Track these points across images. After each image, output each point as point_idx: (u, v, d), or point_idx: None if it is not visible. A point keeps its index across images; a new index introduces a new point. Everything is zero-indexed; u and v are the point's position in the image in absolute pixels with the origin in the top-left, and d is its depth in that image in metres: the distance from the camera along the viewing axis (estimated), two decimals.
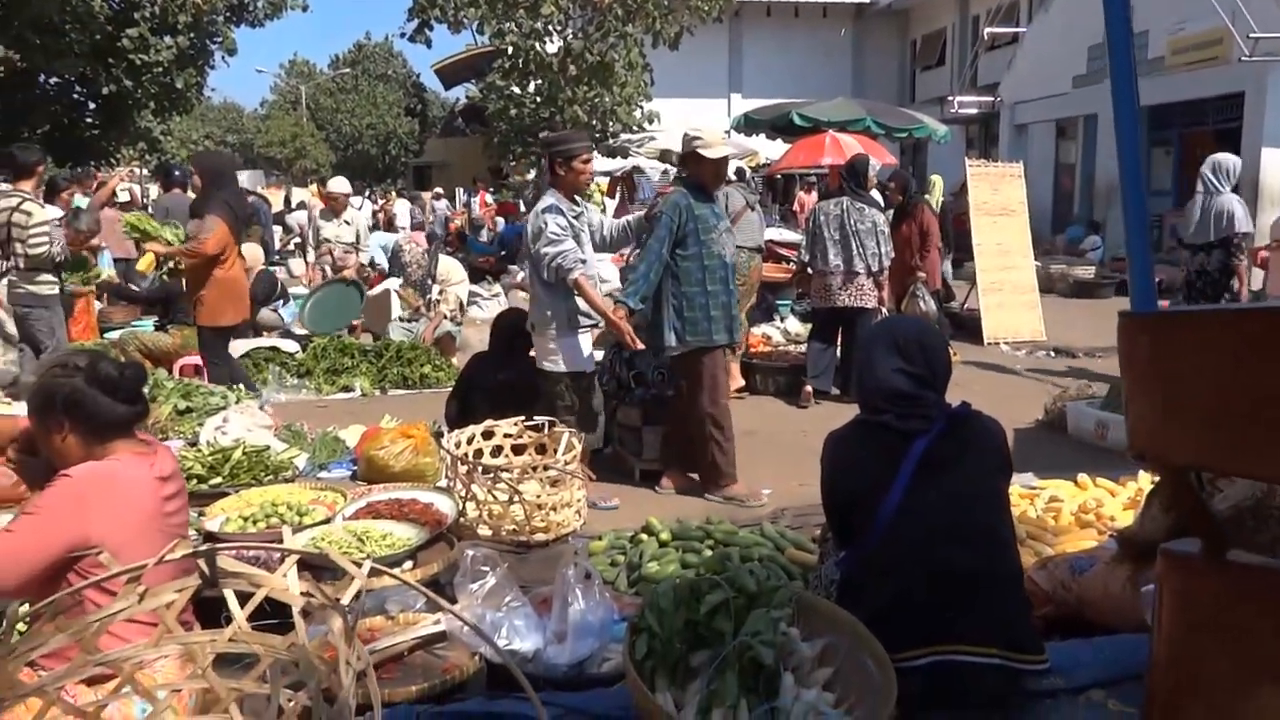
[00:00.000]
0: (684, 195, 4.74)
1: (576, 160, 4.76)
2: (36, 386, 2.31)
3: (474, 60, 23.63)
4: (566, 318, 4.73)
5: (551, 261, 4.59)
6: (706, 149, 4.75)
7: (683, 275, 4.72)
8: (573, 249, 4.62)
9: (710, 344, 4.79)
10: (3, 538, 2.15)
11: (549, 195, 4.77)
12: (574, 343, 4.79)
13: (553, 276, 4.63)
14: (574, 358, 4.80)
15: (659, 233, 4.67)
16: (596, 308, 4.68)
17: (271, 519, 3.62)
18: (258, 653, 1.78)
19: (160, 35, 13.70)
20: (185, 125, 33.26)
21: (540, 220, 4.66)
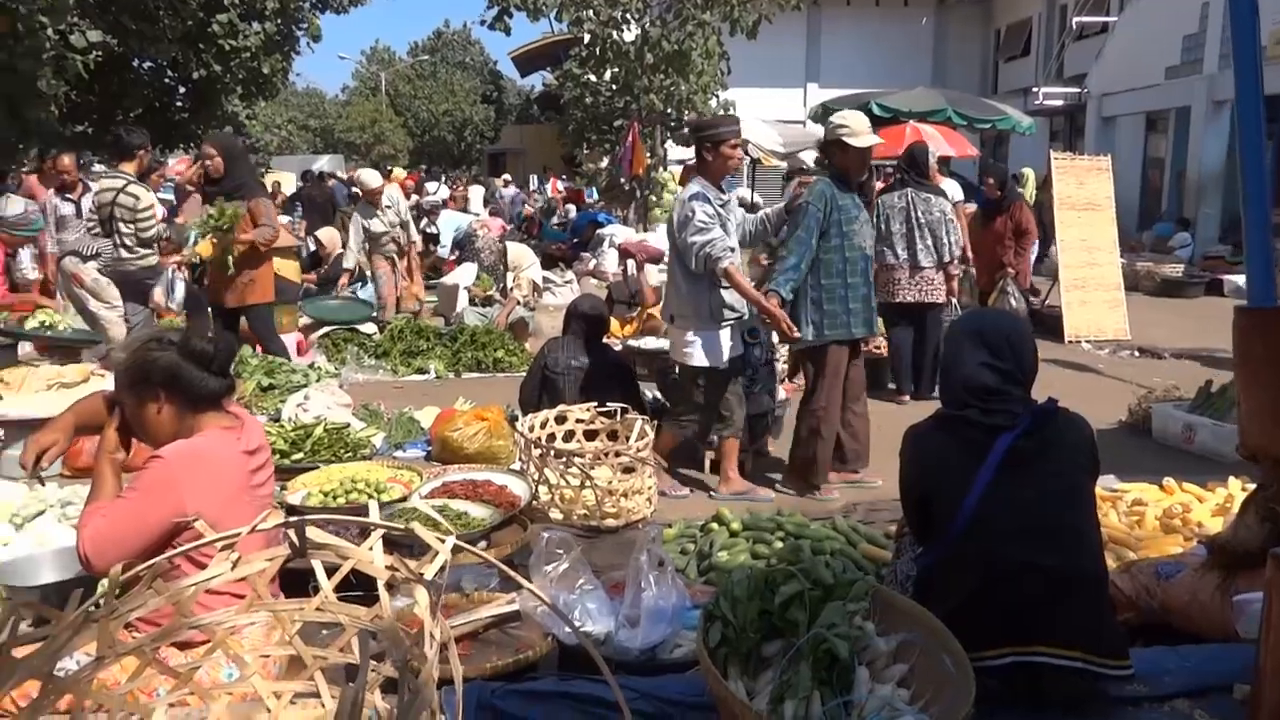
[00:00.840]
0: (828, 185, 4.61)
1: (725, 145, 4.57)
2: (130, 360, 2.39)
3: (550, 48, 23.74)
4: (710, 310, 4.55)
5: (699, 250, 4.40)
6: (853, 137, 4.61)
7: (823, 267, 4.60)
8: (721, 237, 4.43)
9: (848, 337, 4.69)
10: (102, 520, 2.24)
11: (695, 182, 4.60)
12: (715, 337, 4.59)
13: (700, 266, 4.44)
14: (714, 353, 4.61)
15: (807, 223, 4.54)
16: (750, 297, 4.48)
17: (351, 495, 3.71)
18: (343, 622, 1.83)
19: (248, 21, 14.04)
20: (269, 110, 34.04)
21: (687, 208, 4.49)
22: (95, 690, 1.73)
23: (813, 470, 4.77)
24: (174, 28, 12.89)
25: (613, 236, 13.00)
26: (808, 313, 4.62)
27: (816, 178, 4.74)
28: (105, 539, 2.21)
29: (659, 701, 2.27)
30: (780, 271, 4.57)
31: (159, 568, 1.72)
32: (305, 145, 42.37)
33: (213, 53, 13.98)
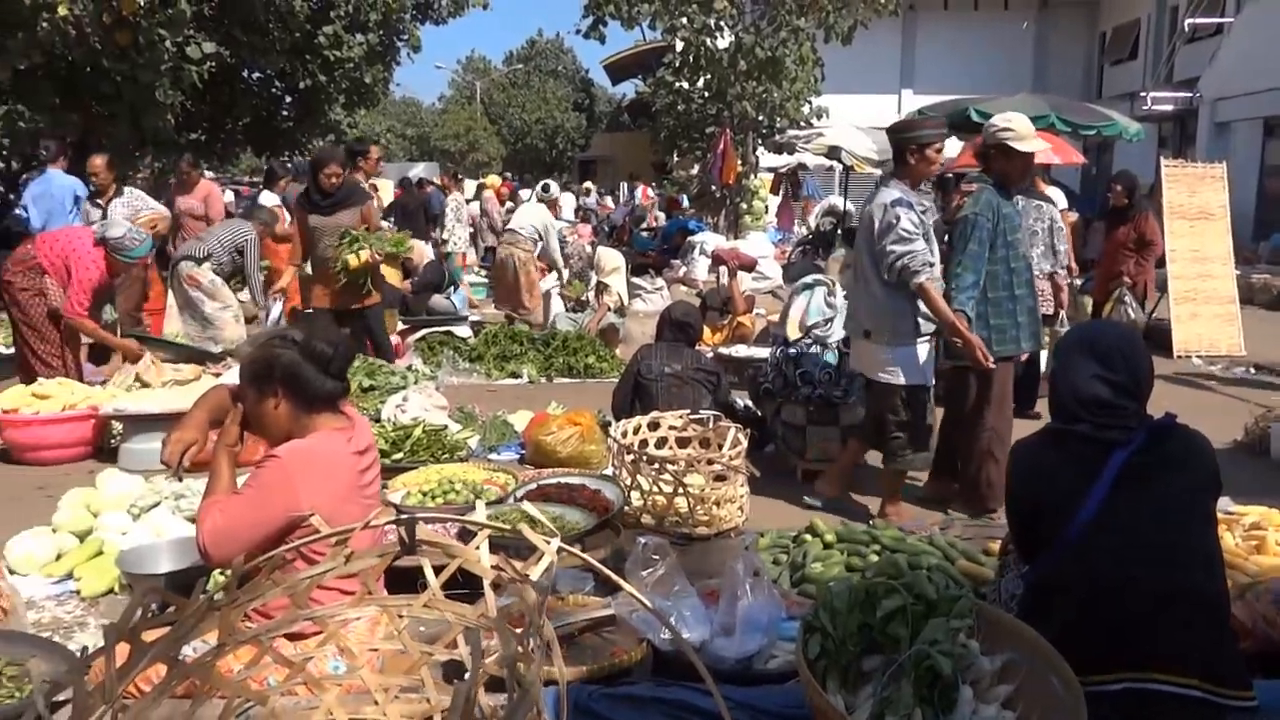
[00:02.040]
0: (994, 194, 4.37)
1: (930, 149, 4.32)
2: (255, 355, 2.49)
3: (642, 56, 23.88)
4: (912, 326, 4.27)
5: (897, 261, 4.14)
6: (1018, 141, 4.38)
7: (989, 280, 4.34)
8: (923, 250, 4.17)
9: (1017, 352, 4.48)
10: (221, 515, 2.34)
11: (893, 187, 4.30)
12: (913, 353, 4.30)
13: (894, 277, 4.18)
14: (913, 370, 4.32)
15: (979, 236, 4.27)
16: (944, 318, 4.16)
17: (449, 495, 3.80)
18: (450, 620, 1.87)
19: (352, 33, 14.44)
20: (369, 118, 35.01)
21: (891, 214, 4.18)
22: (215, 676, 1.80)
23: (988, 494, 4.52)
24: (282, 39, 13.34)
25: (703, 244, 13.00)
26: (974, 329, 4.32)
27: (979, 186, 4.44)
28: (223, 533, 2.30)
29: (755, 712, 2.26)
30: (960, 290, 4.26)
31: (277, 560, 1.78)
32: (402, 153, 43.47)
33: (318, 63, 14.42)
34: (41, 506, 4.42)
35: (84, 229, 6.11)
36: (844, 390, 5.01)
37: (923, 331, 4.28)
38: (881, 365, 4.35)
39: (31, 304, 5.75)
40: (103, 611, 3.43)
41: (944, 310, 4.15)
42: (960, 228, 4.33)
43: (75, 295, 5.64)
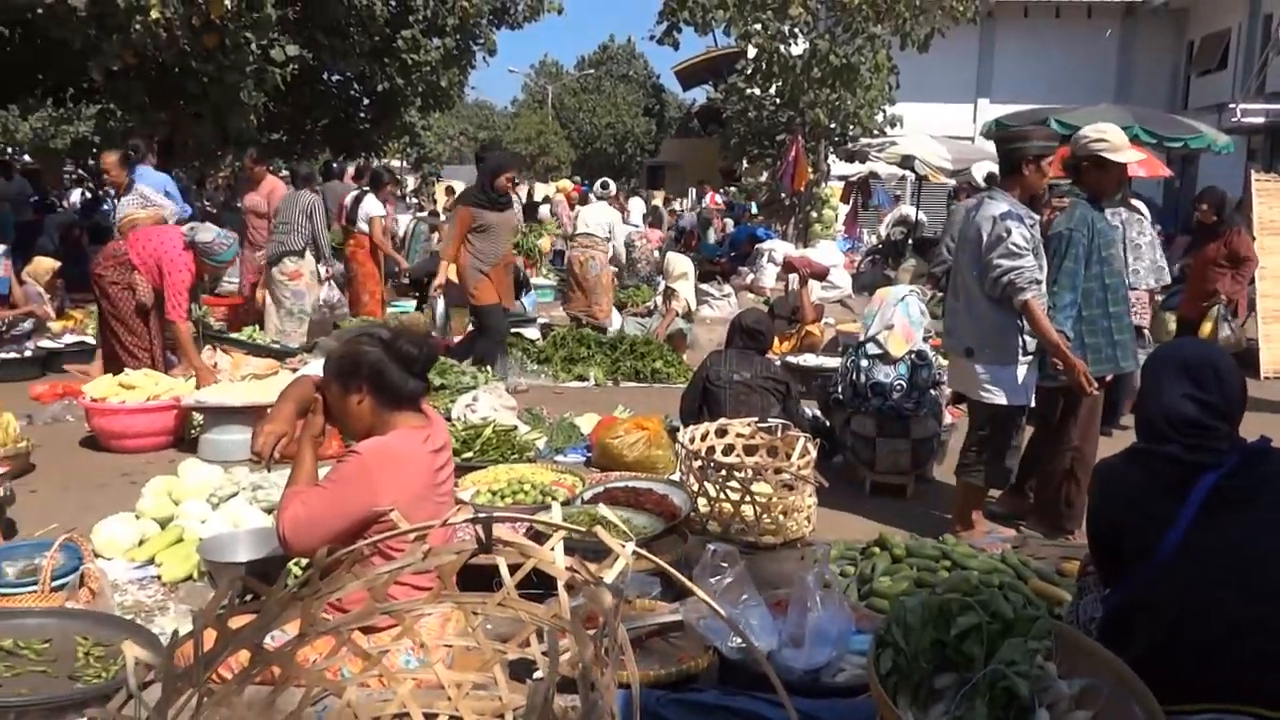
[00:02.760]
0: (1087, 208, 4.21)
1: (1044, 161, 4.16)
2: (343, 351, 2.55)
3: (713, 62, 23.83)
4: (1017, 344, 4.09)
5: (1003, 276, 3.96)
6: (1113, 153, 4.24)
7: (1083, 297, 4.18)
8: (1031, 265, 3.98)
9: (1116, 372, 4.32)
10: (302, 507, 2.39)
11: (1001, 199, 4.12)
12: (1014, 373, 4.12)
13: (998, 292, 4.01)
14: (1015, 390, 4.15)
15: (1075, 253, 4.13)
16: (1048, 338, 3.99)
17: (518, 495, 3.83)
18: (523, 619, 1.88)
19: (430, 36, 14.70)
20: (442, 121, 35.52)
21: (1001, 227, 4.01)
22: (295, 665, 1.84)
23: (1067, 514, 4.39)
24: (362, 43, 13.64)
25: (772, 251, 12.95)
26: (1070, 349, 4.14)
27: (1072, 200, 4.28)
28: (303, 524, 2.35)
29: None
30: (1057, 309, 4.11)
31: (357, 554, 1.82)
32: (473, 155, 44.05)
33: (396, 66, 14.70)
34: (125, 493, 4.57)
35: (174, 229, 6.30)
36: (915, 402, 4.94)
37: (1028, 350, 4.11)
38: (983, 384, 4.18)
39: (121, 298, 5.95)
40: (182, 597, 3.53)
41: (1049, 330, 3.98)
42: (1055, 243, 4.18)
43: (173, 299, 5.82)
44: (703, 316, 9.83)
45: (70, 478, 4.96)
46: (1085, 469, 4.26)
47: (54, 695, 2.24)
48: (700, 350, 8.73)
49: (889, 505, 4.87)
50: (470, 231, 6.69)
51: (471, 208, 6.76)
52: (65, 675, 2.35)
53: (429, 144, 32.17)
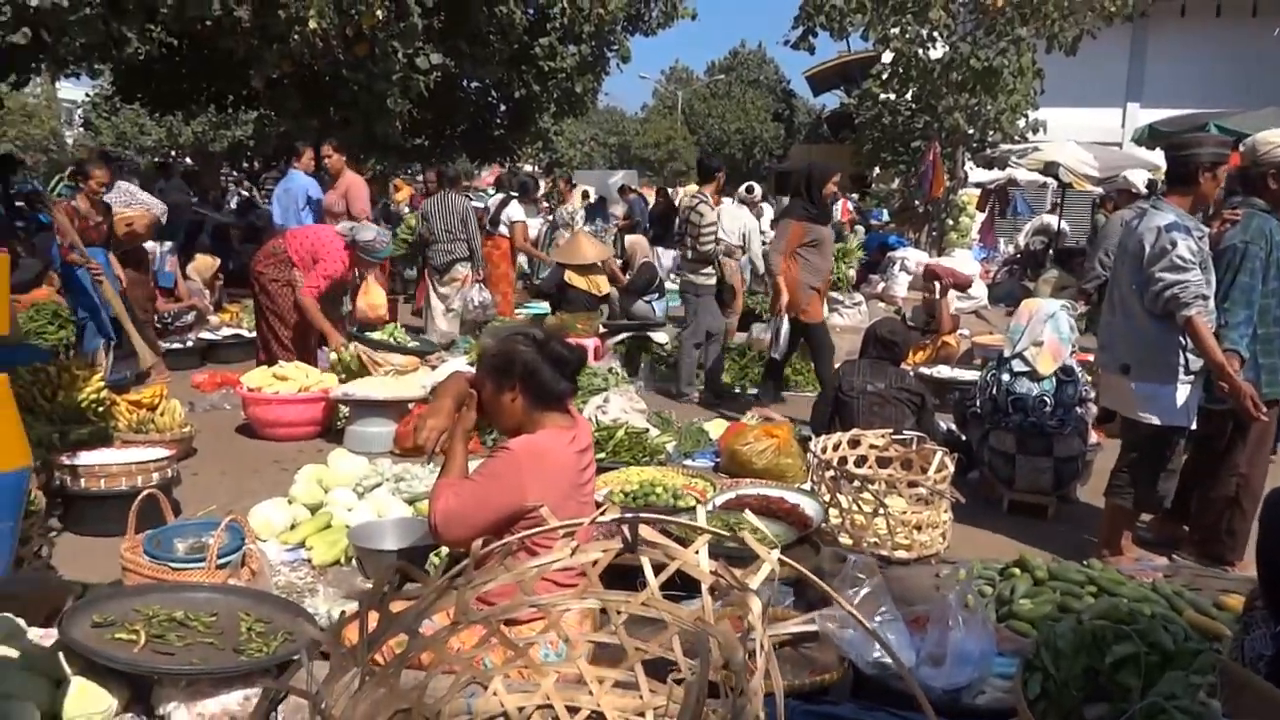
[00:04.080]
0: (1265, 219, 3.98)
1: (1219, 169, 3.98)
2: (499, 348, 2.63)
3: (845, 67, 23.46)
4: (1179, 362, 3.89)
5: (1166, 290, 3.77)
6: None
7: (1259, 315, 3.97)
8: (1197, 280, 3.77)
9: None
10: (453, 499, 2.48)
11: (1168, 210, 3.91)
12: (1173, 393, 3.92)
13: (1160, 308, 3.83)
14: (1174, 411, 3.95)
15: (1251, 267, 3.91)
16: (1212, 358, 3.77)
17: (649, 497, 3.87)
18: (666, 620, 1.90)
19: (566, 44, 14.97)
20: (574, 127, 36.15)
21: (1166, 239, 3.81)
22: (447, 652, 1.91)
23: (1228, 543, 4.17)
24: (501, 50, 14.00)
25: (904, 260, 12.67)
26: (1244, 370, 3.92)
27: (1246, 211, 4.03)
28: (454, 515, 2.44)
29: None
30: (1231, 327, 3.88)
31: (510, 548, 1.88)
32: (603, 161, 44.63)
33: (533, 73, 15.03)
34: (277, 479, 4.83)
35: (329, 228, 6.65)
36: (1060, 420, 4.75)
37: (1191, 369, 3.90)
38: (1140, 404, 3.98)
39: (280, 294, 6.29)
40: (330, 580, 3.70)
41: (1214, 349, 3.76)
42: (1228, 257, 3.95)
43: (312, 279, 6.13)
44: (832, 324, 9.67)
45: (227, 462, 5.26)
46: (1251, 497, 4.03)
47: (223, 666, 2.39)
48: None
49: (1028, 525, 4.70)
50: (800, 246, 6.26)
51: (803, 221, 6.28)
52: (230, 648, 2.49)
53: (560, 149, 32.78)
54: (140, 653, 2.40)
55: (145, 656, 2.39)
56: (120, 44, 9.26)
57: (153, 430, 4.96)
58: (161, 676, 2.37)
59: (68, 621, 2.47)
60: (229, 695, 2.35)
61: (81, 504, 4.14)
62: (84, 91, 33.27)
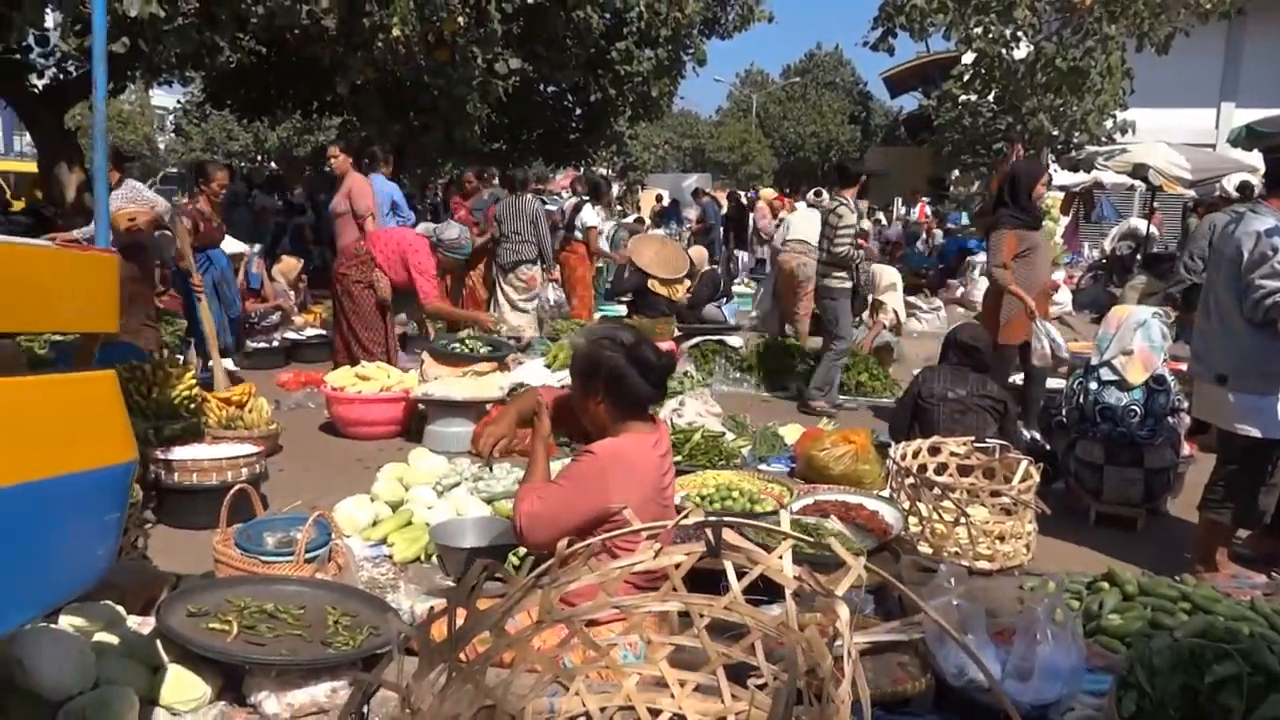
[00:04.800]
0: None
1: None
2: (586, 352, 2.65)
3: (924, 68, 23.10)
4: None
5: (1266, 298, 3.65)
6: None
7: None
8: None
9: None
10: (538, 501, 2.51)
11: (1267, 214, 3.78)
12: (1274, 404, 3.78)
13: (1260, 315, 3.69)
14: (1273, 423, 3.80)
15: None
16: None
17: (726, 501, 3.85)
18: (749, 625, 1.89)
19: (642, 48, 15.03)
20: (648, 130, 36.25)
21: (1266, 244, 3.68)
22: (531, 651, 1.93)
23: None
24: (578, 55, 14.12)
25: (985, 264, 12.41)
26: None
27: None
28: (539, 518, 2.47)
29: None
30: None
31: (593, 549, 1.89)
32: (676, 164, 44.67)
33: (609, 78, 15.13)
34: (359, 476, 4.93)
35: (410, 229, 6.80)
36: (1151, 430, 4.60)
37: None
38: (1238, 415, 3.83)
39: (363, 295, 6.43)
40: (411, 577, 3.76)
41: None
42: None
43: (425, 286, 6.36)
44: (910, 330, 9.56)
45: (311, 459, 5.39)
46: None
47: (312, 658, 2.45)
48: (907, 364, 8.50)
49: (1116, 538, 4.56)
50: (1015, 257, 5.78)
51: (1017, 230, 5.80)
52: (318, 641, 2.56)
53: (635, 152, 32.89)
54: (233, 643, 2.48)
55: (238, 646, 2.46)
56: (213, 52, 9.56)
57: (241, 427, 5.11)
58: (253, 666, 2.44)
59: (165, 610, 2.56)
60: (317, 687, 2.41)
61: (174, 497, 4.28)
62: (175, 98, 34.49)
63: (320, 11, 8.88)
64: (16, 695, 2.26)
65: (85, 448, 1.66)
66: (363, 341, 6.52)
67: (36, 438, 1.57)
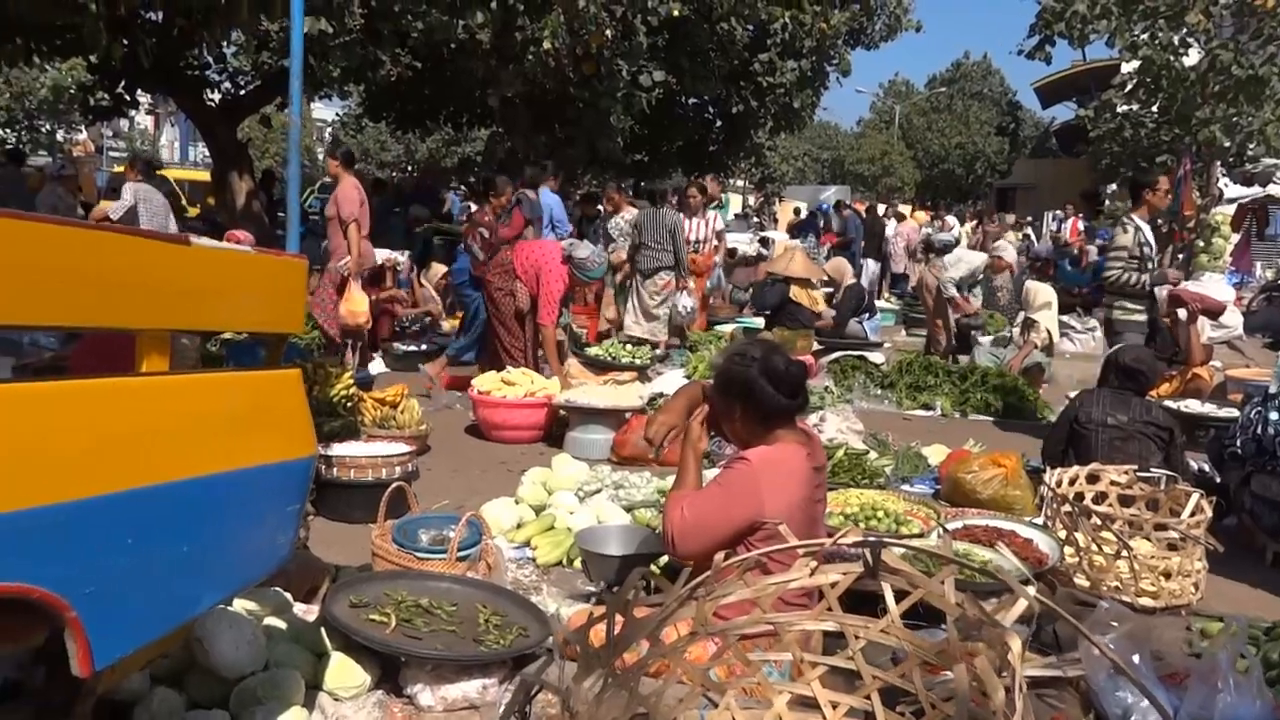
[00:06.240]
0: None
1: None
2: (721, 366, 2.66)
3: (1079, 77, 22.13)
4: None
5: None
6: None
7: None
8: None
9: None
10: (690, 510, 2.50)
11: None
12: None
13: None
14: None
15: None
16: None
17: (871, 521, 3.77)
18: (908, 650, 1.85)
19: (786, 59, 14.95)
20: (787, 142, 35.99)
21: None
22: (684, 663, 1.93)
23: None
24: (721, 67, 14.17)
25: None
26: None
27: None
28: (691, 527, 2.47)
29: None
30: None
31: (749, 563, 1.87)
32: (814, 176, 44.17)
33: (751, 89, 15.13)
34: (503, 479, 5.06)
35: (554, 243, 6.94)
36: (1271, 456, 4.27)
37: None
38: None
39: (504, 303, 6.63)
40: (554, 580, 3.83)
41: None
42: None
43: (546, 305, 6.48)
44: (1062, 350, 9.14)
45: (457, 461, 5.56)
46: None
47: (466, 654, 2.52)
48: (1058, 386, 8.15)
49: None
50: None
51: None
52: (470, 638, 2.63)
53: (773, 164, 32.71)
54: (391, 635, 2.58)
55: (396, 639, 2.56)
56: (374, 67, 10.05)
57: (394, 426, 5.32)
58: (410, 659, 2.53)
59: (330, 600, 2.68)
60: (469, 683, 2.48)
61: (332, 491, 4.48)
62: (334, 111, 36.32)
63: (476, 26, 9.20)
64: (196, 672, 2.41)
65: (276, 441, 1.77)
66: (505, 346, 6.70)
67: (235, 430, 1.68)
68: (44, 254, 1.44)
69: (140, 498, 1.51)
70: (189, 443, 1.61)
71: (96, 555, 1.44)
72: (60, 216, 2.93)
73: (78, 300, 1.50)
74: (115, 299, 1.57)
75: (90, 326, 1.76)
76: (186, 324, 1.81)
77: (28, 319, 1.47)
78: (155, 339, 1.67)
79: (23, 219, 1.42)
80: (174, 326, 1.71)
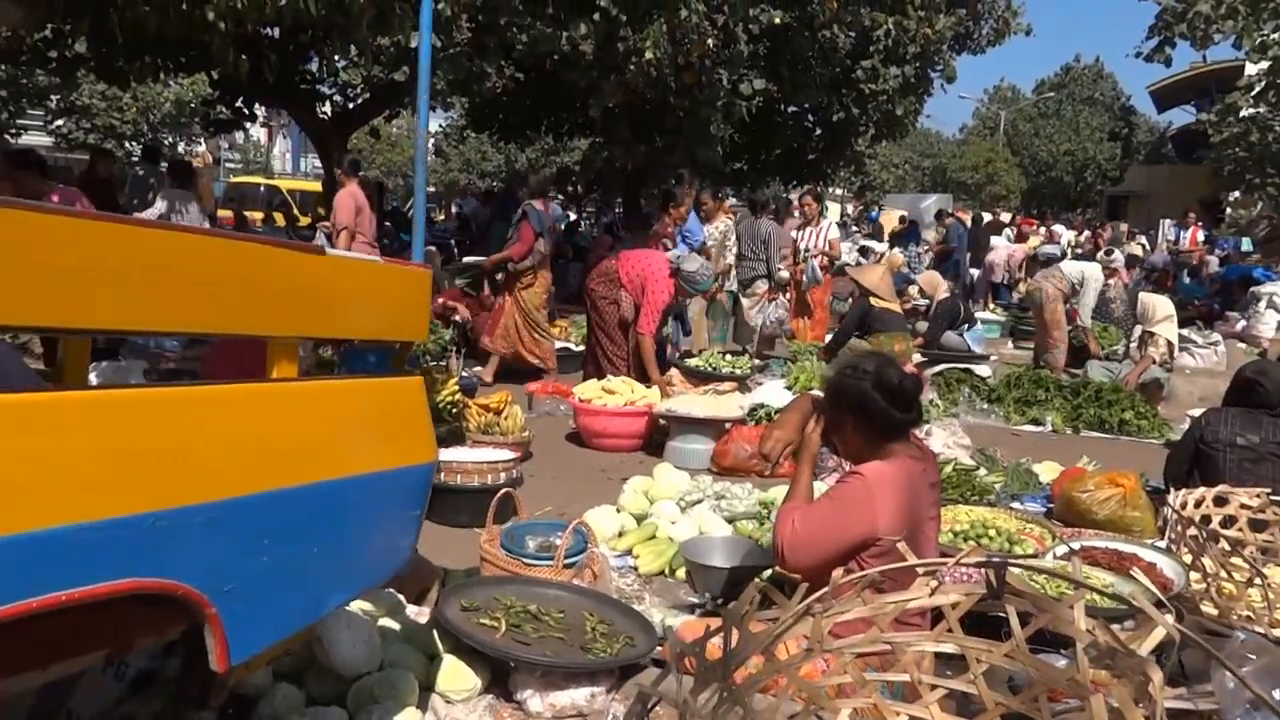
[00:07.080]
0: None
1: None
2: (833, 380, 2.63)
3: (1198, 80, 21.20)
4: None
5: None
6: None
7: None
8: None
9: None
10: (801, 524, 2.47)
11: None
12: None
13: None
14: None
15: None
16: None
17: (982, 539, 3.66)
18: (1032, 676, 1.78)
19: (889, 65, 14.68)
20: (888, 150, 35.37)
21: None
22: (800, 679, 1.90)
23: None
24: (822, 74, 14.01)
25: (1272, 295, 11.22)
26: None
27: None
28: (802, 540, 2.44)
29: None
30: None
31: (869, 580, 1.84)
32: (914, 184, 43.30)
33: (852, 97, 14.90)
34: (603, 487, 5.08)
35: (661, 254, 6.97)
36: None
37: None
38: None
39: (608, 311, 6.68)
40: (655, 589, 3.82)
41: None
42: None
43: (647, 315, 6.49)
44: (1182, 366, 8.76)
45: (558, 468, 5.62)
46: None
47: (575, 662, 2.54)
48: (1177, 403, 7.81)
49: None
50: None
51: None
52: (577, 645, 2.65)
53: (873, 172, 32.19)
54: (501, 639, 2.61)
55: (506, 643, 2.59)
56: (479, 79, 10.25)
57: (498, 433, 5.41)
58: (520, 664, 2.56)
59: (442, 603, 2.73)
60: (578, 690, 2.50)
61: (439, 496, 4.54)
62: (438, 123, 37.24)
63: (579, 38, 9.31)
64: (315, 669, 2.49)
65: (400, 446, 1.81)
66: (609, 355, 6.75)
67: (363, 435, 1.73)
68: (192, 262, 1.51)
69: (276, 500, 1.57)
70: (321, 447, 1.66)
71: (237, 555, 1.50)
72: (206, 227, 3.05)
73: (222, 307, 1.56)
74: (255, 306, 1.63)
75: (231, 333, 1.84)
76: (319, 331, 1.87)
77: (177, 325, 1.54)
78: (285, 346, 1.74)
79: (173, 230, 1.49)
80: (307, 334, 1.77)
